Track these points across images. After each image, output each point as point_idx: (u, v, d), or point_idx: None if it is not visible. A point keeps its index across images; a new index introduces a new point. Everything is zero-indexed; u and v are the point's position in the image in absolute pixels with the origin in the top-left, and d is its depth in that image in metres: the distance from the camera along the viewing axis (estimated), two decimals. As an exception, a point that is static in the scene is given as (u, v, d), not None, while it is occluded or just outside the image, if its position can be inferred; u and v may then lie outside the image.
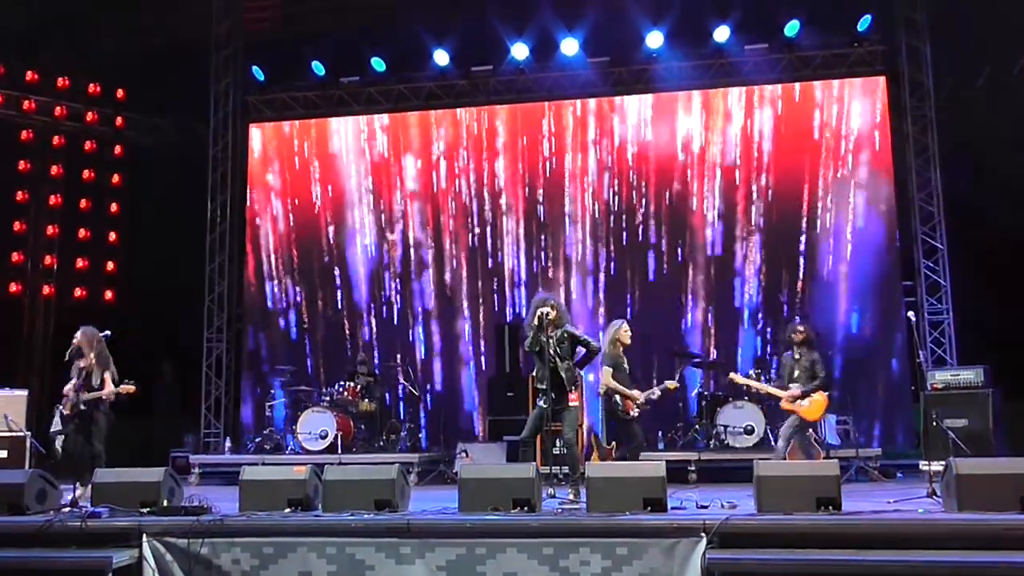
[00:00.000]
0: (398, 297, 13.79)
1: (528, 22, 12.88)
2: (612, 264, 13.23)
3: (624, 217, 13.24)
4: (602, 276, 13.25)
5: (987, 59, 11.50)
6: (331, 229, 14.06)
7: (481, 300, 13.54)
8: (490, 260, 13.57)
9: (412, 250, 13.81)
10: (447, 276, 13.66)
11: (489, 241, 13.60)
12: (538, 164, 13.56)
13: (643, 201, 13.20)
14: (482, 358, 13.39)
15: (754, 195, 12.91)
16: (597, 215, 13.31)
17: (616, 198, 13.29)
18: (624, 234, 13.22)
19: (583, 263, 13.30)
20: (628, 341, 8.65)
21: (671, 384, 8.90)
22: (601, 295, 13.22)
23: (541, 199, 13.51)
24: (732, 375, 9.46)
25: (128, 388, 8.39)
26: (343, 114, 14.17)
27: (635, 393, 8.41)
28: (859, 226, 12.56)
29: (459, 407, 13.40)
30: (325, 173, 14.18)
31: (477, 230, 13.64)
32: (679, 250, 13.05)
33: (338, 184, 14.13)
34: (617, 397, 8.43)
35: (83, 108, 13.75)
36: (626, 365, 8.61)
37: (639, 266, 13.13)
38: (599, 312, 13.18)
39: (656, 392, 8.70)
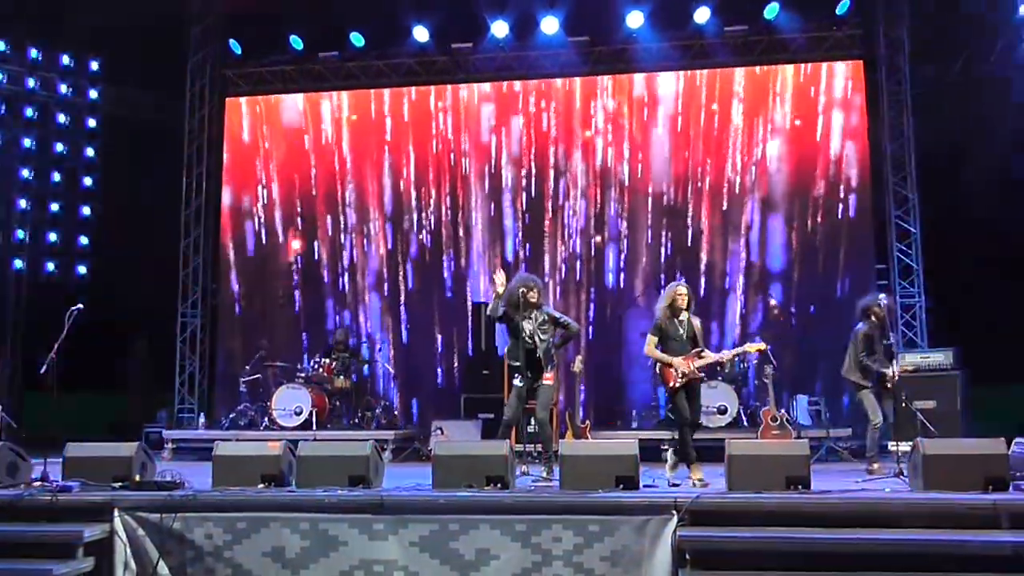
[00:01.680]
0: (374, 274, 13.75)
1: (508, -1, 12.84)
2: (594, 244, 13.25)
3: (604, 198, 13.26)
4: (584, 256, 13.26)
5: (965, 45, 11.58)
6: (307, 205, 13.98)
7: (459, 279, 13.53)
8: (467, 237, 13.55)
9: (388, 228, 13.76)
10: (425, 254, 13.63)
11: (467, 218, 13.57)
12: (517, 143, 13.53)
13: (624, 182, 13.22)
14: (455, 336, 13.39)
15: (726, 177, 12.96)
16: (578, 195, 13.32)
17: (596, 179, 13.30)
18: (605, 215, 13.24)
19: (565, 243, 13.31)
20: (682, 304, 7.72)
21: (751, 346, 8.26)
22: (583, 276, 13.24)
23: (523, 179, 13.48)
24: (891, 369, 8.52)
25: None
26: (321, 89, 14.07)
27: (676, 360, 7.60)
28: (833, 209, 12.65)
29: (435, 385, 13.41)
30: (302, 148, 14.08)
31: (450, 206, 13.61)
32: (663, 233, 13.07)
33: (315, 160, 14.03)
34: (658, 366, 7.87)
35: (56, 79, 13.54)
36: (683, 331, 7.71)
37: (621, 246, 13.16)
38: (581, 291, 13.22)
39: (711, 357, 7.75)
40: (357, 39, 13.41)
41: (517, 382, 7.95)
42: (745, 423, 10.98)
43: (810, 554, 5.69)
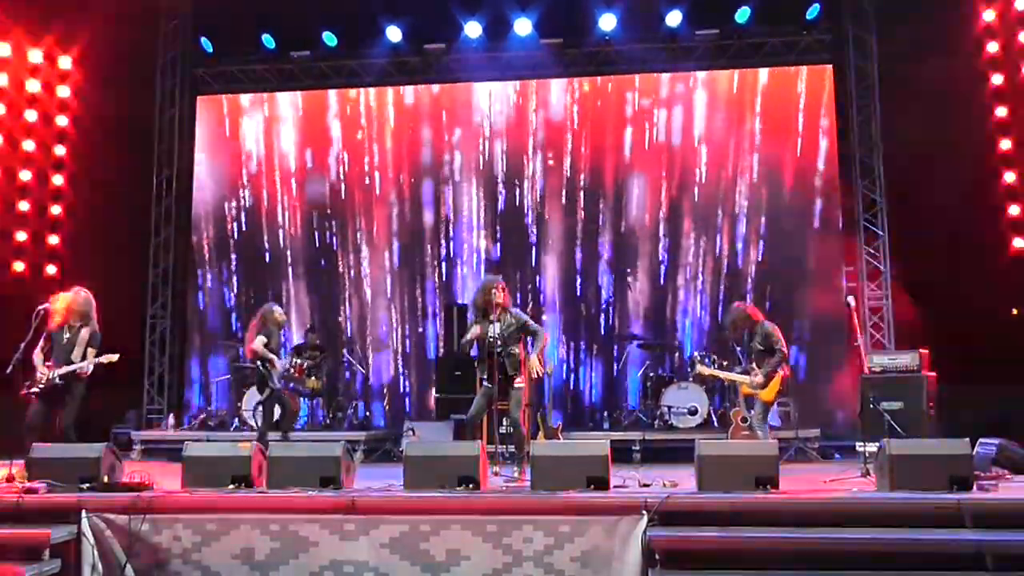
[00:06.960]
0: (345, 274, 13.70)
1: (482, 0, 12.82)
2: (560, 245, 13.27)
3: (571, 198, 13.30)
4: (551, 258, 13.29)
5: (933, 50, 11.72)
6: (278, 205, 13.91)
7: (433, 280, 13.51)
8: (440, 239, 13.54)
9: (360, 228, 13.72)
10: (397, 255, 13.61)
11: (437, 220, 13.57)
12: (489, 143, 13.55)
13: (592, 183, 13.26)
14: (427, 337, 13.38)
15: (700, 180, 13.04)
16: (546, 196, 13.35)
17: (566, 180, 13.34)
18: (572, 215, 13.27)
19: (534, 244, 13.33)
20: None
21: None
22: (551, 278, 13.28)
23: (496, 179, 13.50)
24: (700, 368, 9.42)
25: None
26: (293, 89, 14.00)
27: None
28: (801, 212, 12.77)
29: (407, 386, 13.39)
30: (274, 148, 14.01)
31: (424, 206, 13.61)
32: (624, 232, 13.14)
33: (286, 160, 13.96)
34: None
35: (26, 77, 13.38)
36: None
37: (587, 247, 13.20)
38: (552, 294, 13.25)
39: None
40: (330, 39, 13.36)
41: (487, 383, 8.00)
42: (715, 424, 11.07)
43: (779, 553, 5.75)
